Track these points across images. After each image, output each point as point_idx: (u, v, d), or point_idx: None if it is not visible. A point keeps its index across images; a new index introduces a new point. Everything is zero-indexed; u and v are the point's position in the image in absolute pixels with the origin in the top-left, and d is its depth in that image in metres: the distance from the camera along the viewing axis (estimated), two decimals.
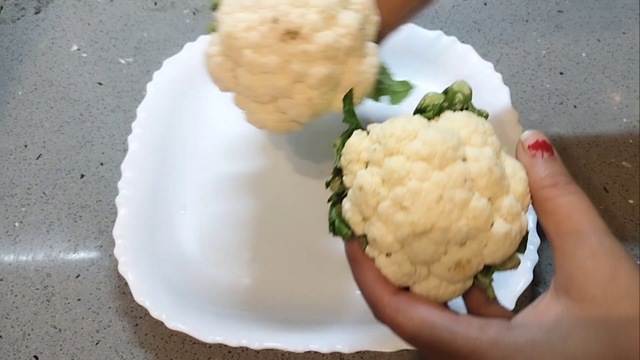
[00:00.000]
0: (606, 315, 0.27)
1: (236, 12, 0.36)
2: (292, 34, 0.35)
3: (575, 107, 0.59)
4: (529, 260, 0.47)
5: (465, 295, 0.33)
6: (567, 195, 0.30)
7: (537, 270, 0.50)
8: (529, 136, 0.33)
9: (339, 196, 0.34)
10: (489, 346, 0.29)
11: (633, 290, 0.27)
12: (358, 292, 0.48)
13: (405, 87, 0.41)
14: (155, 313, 0.45)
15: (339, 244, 0.52)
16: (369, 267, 0.32)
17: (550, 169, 0.31)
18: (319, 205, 0.53)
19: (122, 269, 0.47)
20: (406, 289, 0.32)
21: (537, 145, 0.32)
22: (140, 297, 0.46)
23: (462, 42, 0.57)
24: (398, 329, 0.31)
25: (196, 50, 0.58)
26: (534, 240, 0.47)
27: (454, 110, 0.33)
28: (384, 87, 0.41)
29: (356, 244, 0.33)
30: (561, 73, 0.61)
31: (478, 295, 0.32)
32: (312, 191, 0.53)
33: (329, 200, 0.35)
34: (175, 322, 0.45)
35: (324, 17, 0.35)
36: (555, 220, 0.30)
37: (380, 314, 0.32)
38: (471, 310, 0.33)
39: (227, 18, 0.36)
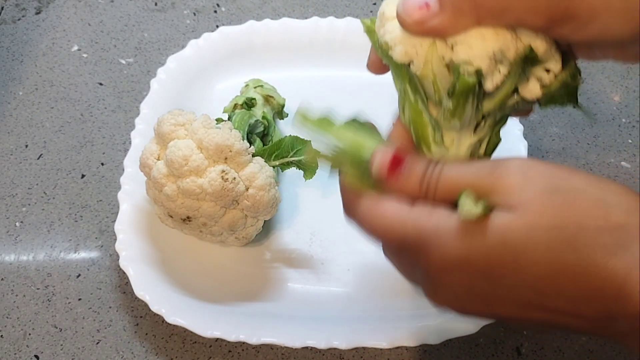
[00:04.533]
0: (541, 206, 0.28)
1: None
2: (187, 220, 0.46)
3: (574, 107, 0.59)
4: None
5: None
6: (442, 176, 0.30)
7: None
8: (381, 164, 0.31)
9: None
10: (431, 232, 0.29)
11: (553, 181, 0.28)
12: (357, 288, 0.49)
13: (314, 162, 0.48)
14: (155, 307, 0.45)
15: (338, 243, 0.52)
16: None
17: (417, 175, 0.31)
18: (319, 205, 0.53)
19: (123, 264, 0.47)
20: None
21: (394, 167, 0.31)
22: (141, 291, 0.46)
23: None
24: (358, 223, 0.33)
25: (200, 47, 0.59)
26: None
27: None
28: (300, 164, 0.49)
29: None
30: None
31: None
32: (312, 188, 0.53)
33: None
34: (174, 316, 0.45)
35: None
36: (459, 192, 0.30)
37: (347, 210, 0.33)
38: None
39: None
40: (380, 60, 0.34)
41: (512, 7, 0.29)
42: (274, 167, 0.48)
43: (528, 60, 0.30)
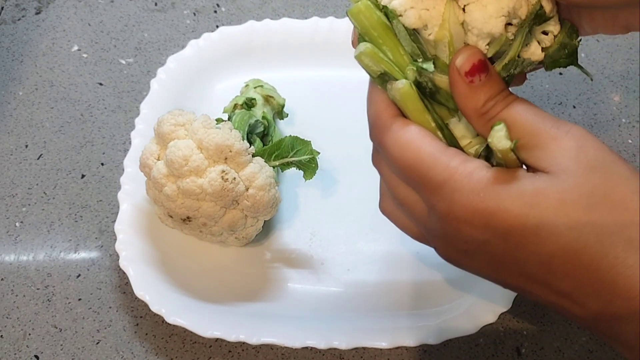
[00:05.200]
0: (578, 182, 0.27)
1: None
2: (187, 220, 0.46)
3: (574, 107, 0.59)
4: None
5: None
6: (508, 107, 0.30)
7: None
8: (465, 61, 0.30)
9: None
10: (463, 177, 0.29)
11: (602, 161, 0.28)
12: (357, 288, 0.49)
13: (313, 162, 0.48)
14: (155, 307, 0.45)
15: (338, 243, 0.52)
16: (381, 90, 0.32)
17: (489, 92, 0.30)
18: (319, 205, 0.53)
19: (123, 264, 0.47)
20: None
21: (474, 70, 0.29)
22: (141, 291, 0.46)
23: None
24: (385, 148, 0.31)
25: (200, 47, 0.59)
26: None
27: None
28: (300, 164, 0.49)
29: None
30: (560, 73, 0.61)
31: None
32: (312, 188, 0.53)
33: None
34: (174, 316, 0.45)
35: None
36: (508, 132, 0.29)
37: (373, 131, 0.32)
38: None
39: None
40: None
41: None
42: (274, 167, 0.48)
43: (536, 19, 0.30)
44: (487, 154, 0.32)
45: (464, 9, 0.29)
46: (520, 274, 0.29)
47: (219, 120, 0.48)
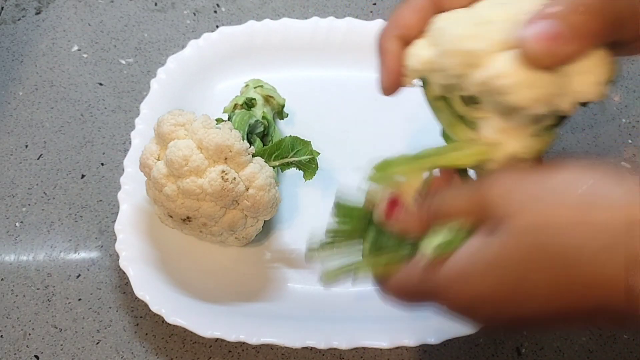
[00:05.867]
0: (528, 224, 0.27)
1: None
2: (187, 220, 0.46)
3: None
4: None
5: None
6: (438, 205, 0.32)
7: None
8: (380, 213, 0.33)
9: None
10: (434, 280, 0.31)
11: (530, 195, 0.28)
12: (357, 288, 0.49)
13: (313, 163, 0.49)
14: (155, 307, 0.45)
15: None
16: None
17: (414, 214, 0.33)
18: (319, 205, 0.53)
19: (123, 264, 0.47)
20: None
21: (391, 210, 0.33)
22: (141, 291, 0.46)
23: None
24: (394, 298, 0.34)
25: (200, 47, 0.59)
26: None
27: None
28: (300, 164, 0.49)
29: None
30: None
31: None
32: (312, 188, 0.53)
33: None
34: (174, 316, 0.45)
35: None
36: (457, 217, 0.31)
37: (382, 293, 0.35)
38: None
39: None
40: (397, 82, 0.34)
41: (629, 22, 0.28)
42: (274, 167, 0.48)
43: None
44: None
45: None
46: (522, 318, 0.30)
47: (219, 120, 0.48)
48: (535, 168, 0.30)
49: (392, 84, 0.34)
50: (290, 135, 0.49)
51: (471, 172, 0.34)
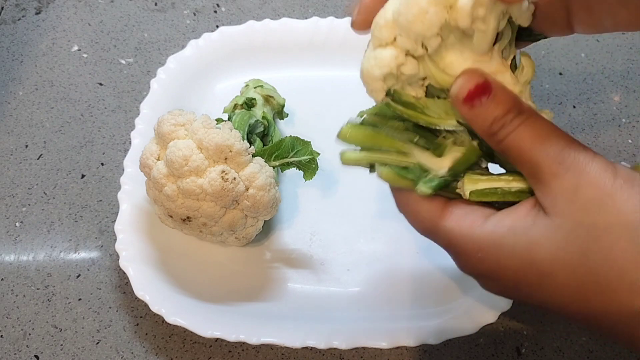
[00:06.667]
0: (573, 226, 0.27)
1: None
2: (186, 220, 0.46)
3: (574, 107, 0.59)
4: None
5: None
6: (515, 131, 0.29)
7: None
8: (460, 88, 0.30)
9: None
10: (462, 237, 0.30)
11: (598, 201, 0.27)
12: (357, 288, 0.49)
13: (313, 163, 0.49)
14: (155, 307, 0.45)
15: (338, 243, 0.52)
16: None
17: (494, 113, 0.29)
18: (319, 205, 0.53)
19: (123, 264, 0.47)
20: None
21: (472, 95, 0.29)
22: (141, 291, 0.46)
23: None
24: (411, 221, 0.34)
25: (200, 47, 0.59)
26: None
27: None
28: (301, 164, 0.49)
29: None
30: (560, 73, 0.61)
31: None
32: (312, 188, 0.53)
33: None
34: (174, 316, 0.45)
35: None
36: (516, 160, 0.30)
37: (398, 207, 0.34)
38: None
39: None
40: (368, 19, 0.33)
41: None
42: (274, 167, 0.48)
43: None
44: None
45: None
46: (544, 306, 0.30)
47: (219, 120, 0.48)
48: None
49: (363, 16, 0.33)
50: (291, 136, 0.49)
51: None
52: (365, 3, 0.33)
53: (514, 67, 0.32)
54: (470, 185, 0.32)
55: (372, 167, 0.34)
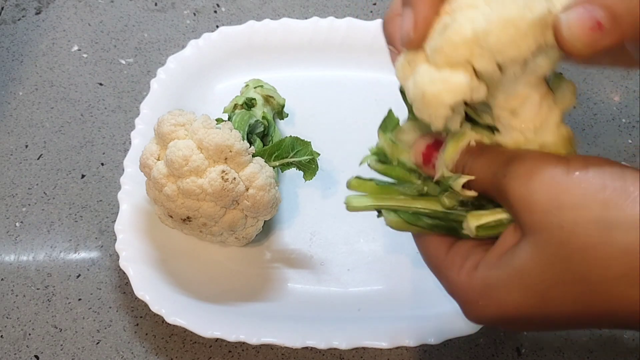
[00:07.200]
0: (547, 237, 0.27)
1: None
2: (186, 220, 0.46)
3: (574, 107, 0.59)
4: None
5: None
6: (468, 168, 0.31)
7: None
8: (415, 155, 0.33)
9: None
10: (462, 289, 0.30)
11: (556, 202, 0.27)
12: (357, 288, 0.49)
13: (313, 163, 0.49)
14: (155, 307, 0.45)
15: (338, 243, 0.52)
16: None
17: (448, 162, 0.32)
18: (319, 205, 0.53)
19: (123, 264, 0.47)
20: None
21: (427, 156, 0.32)
22: (141, 291, 0.46)
23: None
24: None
25: (200, 47, 0.59)
26: None
27: None
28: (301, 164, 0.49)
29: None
30: (560, 73, 0.61)
31: None
32: (312, 188, 0.53)
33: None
34: (174, 316, 0.45)
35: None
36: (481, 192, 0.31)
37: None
38: None
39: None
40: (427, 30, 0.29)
41: None
42: (274, 167, 0.48)
43: None
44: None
45: None
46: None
47: (219, 120, 0.48)
48: (557, 160, 0.29)
49: (422, 31, 0.29)
50: (291, 136, 0.49)
51: None
52: (426, 17, 0.29)
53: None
54: (474, 221, 0.31)
55: (379, 212, 0.34)
